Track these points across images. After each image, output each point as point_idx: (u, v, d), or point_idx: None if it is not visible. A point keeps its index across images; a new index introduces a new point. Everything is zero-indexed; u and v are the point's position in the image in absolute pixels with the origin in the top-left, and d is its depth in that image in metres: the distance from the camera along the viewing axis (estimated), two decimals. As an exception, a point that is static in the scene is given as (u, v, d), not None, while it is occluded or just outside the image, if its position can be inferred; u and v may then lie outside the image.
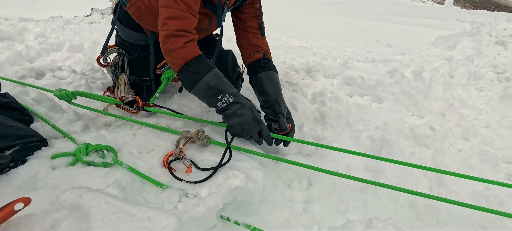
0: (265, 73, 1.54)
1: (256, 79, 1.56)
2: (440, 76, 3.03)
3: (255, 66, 1.59)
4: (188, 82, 1.26)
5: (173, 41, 1.24)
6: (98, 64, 1.58)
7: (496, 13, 11.65)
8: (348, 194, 1.28)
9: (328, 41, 5.02)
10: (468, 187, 1.46)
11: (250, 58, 1.62)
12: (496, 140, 1.92)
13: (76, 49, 2.61)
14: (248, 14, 1.62)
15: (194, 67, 1.24)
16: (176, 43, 1.23)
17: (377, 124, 1.86)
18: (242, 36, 1.65)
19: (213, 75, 1.25)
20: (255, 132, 1.27)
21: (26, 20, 3.99)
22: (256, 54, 1.61)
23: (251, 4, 1.61)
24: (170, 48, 1.24)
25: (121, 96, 1.55)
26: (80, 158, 1.07)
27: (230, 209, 1.02)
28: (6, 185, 0.94)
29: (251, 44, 1.63)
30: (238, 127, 1.24)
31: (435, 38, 5.46)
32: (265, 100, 1.49)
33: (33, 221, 0.77)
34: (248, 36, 1.63)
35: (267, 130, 1.31)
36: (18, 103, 1.27)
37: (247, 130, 1.25)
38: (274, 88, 1.51)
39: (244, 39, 1.65)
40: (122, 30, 1.59)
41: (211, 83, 1.24)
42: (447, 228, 1.19)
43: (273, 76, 1.56)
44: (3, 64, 2.01)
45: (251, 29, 1.64)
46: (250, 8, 1.62)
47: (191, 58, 1.24)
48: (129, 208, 0.78)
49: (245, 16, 1.63)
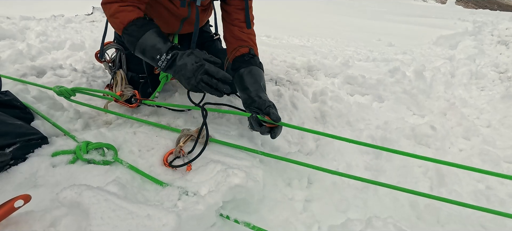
0: (247, 69, 1.44)
1: (237, 76, 1.45)
2: (442, 76, 3.02)
3: (238, 62, 1.50)
4: (129, 45, 1.27)
5: (110, 6, 1.25)
6: (96, 60, 1.59)
7: (499, 13, 11.59)
8: (348, 193, 1.27)
9: (329, 40, 5.01)
10: (469, 187, 1.45)
11: (235, 53, 1.53)
12: (497, 140, 1.91)
13: (77, 48, 2.61)
14: (234, 6, 1.53)
15: (130, 30, 1.23)
16: (113, 8, 1.25)
17: (378, 123, 1.86)
18: (228, 29, 1.57)
19: (149, 36, 1.22)
20: (201, 75, 1.13)
21: (28, 19, 3.99)
22: (241, 49, 1.52)
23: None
24: (109, 13, 1.26)
25: (120, 92, 1.54)
26: (80, 155, 1.07)
27: (229, 207, 1.01)
28: (6, 183, 0.94)
29: (237, 38, 1.54)
30: (184, 80, 1.16)
31: (436, 38, 5.44)
32: (246, 97, 1.36)
33: (33, 218, 0.77)
34: (234, 30, 1.54)
35: (215, 68, 1.15)
36: (19, 101, 1.27)
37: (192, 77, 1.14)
38: (255, 84, 1.39)
39: (229, 33, 1.56)
40: None
41: (147, 44, 1.21)
42: (448, 227, 1.18)
43: (256, 72, 1.45)
44: (4, 62, 2.01)
45: (237, 22, 1.54)
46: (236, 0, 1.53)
47: (128, 21, 1.23)
48: (129, 206, 0.78)
49: (231, 8, 1.54)
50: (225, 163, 1.11)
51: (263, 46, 3.69)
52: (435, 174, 1.51)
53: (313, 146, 1.58)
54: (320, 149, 1.53)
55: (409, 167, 1.51)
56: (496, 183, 1.51)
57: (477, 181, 1.50)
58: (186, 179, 1.06)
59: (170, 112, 1.55)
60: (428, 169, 1.54)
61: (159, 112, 1.56)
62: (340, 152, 1.52)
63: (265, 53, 3.24)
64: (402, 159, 1.55)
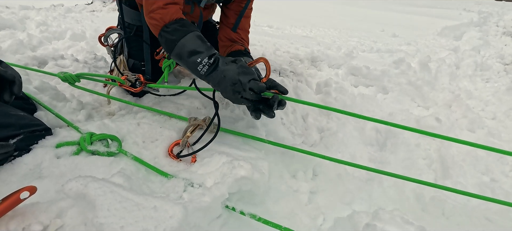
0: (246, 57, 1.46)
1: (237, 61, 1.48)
2: (447, 67, 2.98)
3: (234, 55, 1.50)
4: (167, 46, 1.18)
5: (153, 1, 1.17)
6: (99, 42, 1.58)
7: (504, 3, 11.39)
8: (353, 185, 1.27)
9: (332, 30, 4.95)
10: (473, 179, 1.45)
11: (230, 49, 1.55)
12: (502, 132, 1.90)
13: (78, 38, 2.59)
14: (233, 11, 1.58)
15: (171, 28, 1.16)
16: (157, 3, 1.17)
17: (382, 114, 1.85)
18: (223, 31, 1.61)
19: (191, 38, 1.15)
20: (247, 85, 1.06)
21: (27, 8, 3.95)
22: (236, 45, 1.55)
23: (239, 1, 1.56)
24: (150, 8, 1.18)
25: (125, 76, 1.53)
26: (84, 147, 1.06)
27: (235, 199, 1.01)
28: (11, 174, 0.94)
29: (230, 39, 1.58)
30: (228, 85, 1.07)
31: (441, 28, 5.36)
32: None
33: (39, 209, 0.77)
34: (229, 32, 1.58)
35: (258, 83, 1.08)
36: (22, 92, 1.26)
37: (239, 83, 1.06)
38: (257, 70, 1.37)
39: (224, 34, 1.60)
40: (122, 8, 1.57)
41: (188, 46, 1.13)
42: (453, 220, 1.18)
43: None
44: (5, 52, 2.00)
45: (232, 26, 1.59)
46: (237, 5, 1.57)
47: (170, 20, 1.17)
48: (135, 197, 0.77)
49: (230, 12, 1.58)
50: (230, 154, 1.11)
51: (265, 37, 3.64)
52: (439, 166, 1.51)
53: (317, 137, 1.57)
54: (324, 141, 1.52)
55: (413, 159, 1.51)
56: (501, 175, 1.50)
57: (482, 173, 1.49)
58: (191, 171, 1.05)
59: (173, 104, 1.54)
60: (432, 161, 1.53)
61: (162, 104, 1.55)
62: (344, 143, 1.52)
63: (268, 43, 3.20)
64: (406, 151, 1.54)
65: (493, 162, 1.60)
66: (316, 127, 1.64)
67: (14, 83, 1.05)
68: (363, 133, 1.65)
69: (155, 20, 1.18)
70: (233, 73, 1.07)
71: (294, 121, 1.63)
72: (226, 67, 1.10)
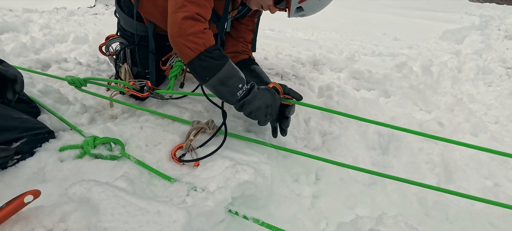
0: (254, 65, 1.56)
1: (247, 70, 1.52)
2: (449, 71, 2.97)
3: (241, 64, 1.56)
4: (209, 69, 1.16)
5: (193, 24, 1.16)
6: (99, 52, 1.58)
7: (506, 7, 11.39)
8: (356, 189, 1.27)
9: (333, 34, 4.95)
10: (477, 184, 1.44)
11: (234, 60, 1.61)
12: (505, 136, 1.89)
13: (81, 41, 2.60)
14: (245, 26, 1.61)
15: (215, 54, 1.16)
16: (196, 27, 1.16)
17: (385, 118, 1.84)
18: (230, 43, 1.64)
19: (231, 64, 1.20)
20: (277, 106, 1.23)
21: (30, 11, 3.98)
22: (241, 55, 1.61)
23: (251, 16, 1.60)
24: (189, 31, 1.15)
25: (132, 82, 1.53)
26: (87, 150, 1.07)
27: (238, 203, 1.01)
28: (14, 177, 0.94)
29: (236, 50, 1.63)
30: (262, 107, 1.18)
31: (443, 32, 5.35)
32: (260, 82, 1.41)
33: (43, 213, 0.77)
34: (237, 44, 1.63)
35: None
36: (25, 95, 1.26)
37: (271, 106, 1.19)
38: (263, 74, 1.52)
39: (231, 47, 1.63)
40: (122, 17, 1.58)
41: (231, 72, 1.17)
42: (456, 224, 1.17)
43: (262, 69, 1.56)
44: (8, 55, 2.00)
45: (242, 40, 1.64)
46: (249, 20, 1.61)
47: (210, 45, 1.17)
48: (138, 202, 0.78)
49: (242, 27, 1.62)
50: (233, 158, 1.11)
51: (267, 40, 3.65)
52: (442, 171, 1.50)
53: (320, 141, 1.57)
54: (326, 144, 1.52)
55: (416, 163, 1.50)
56: (504, 179, 1.49)
57: (485, 178, 1.49)
58: (195, 175, 1.05)
59: (176, 107, 1.54)
60: (435, 165, 1.53)
61: (165, 107, 1.55)
62: (346, 147, 1.51)
63: (270, 47, 3.21)
64: (409, 155, 1.54)
65: (497, 167, 1.59)
66: (318, 130, 1.64)
67: (16, 82, 1.06)
68: (365, 137, 1.65)
69: (195, 44, 1.15)
70: (267, 98, 1.18)
71: (296, 124, 1.62)
72: (261, 93, 1.18)
